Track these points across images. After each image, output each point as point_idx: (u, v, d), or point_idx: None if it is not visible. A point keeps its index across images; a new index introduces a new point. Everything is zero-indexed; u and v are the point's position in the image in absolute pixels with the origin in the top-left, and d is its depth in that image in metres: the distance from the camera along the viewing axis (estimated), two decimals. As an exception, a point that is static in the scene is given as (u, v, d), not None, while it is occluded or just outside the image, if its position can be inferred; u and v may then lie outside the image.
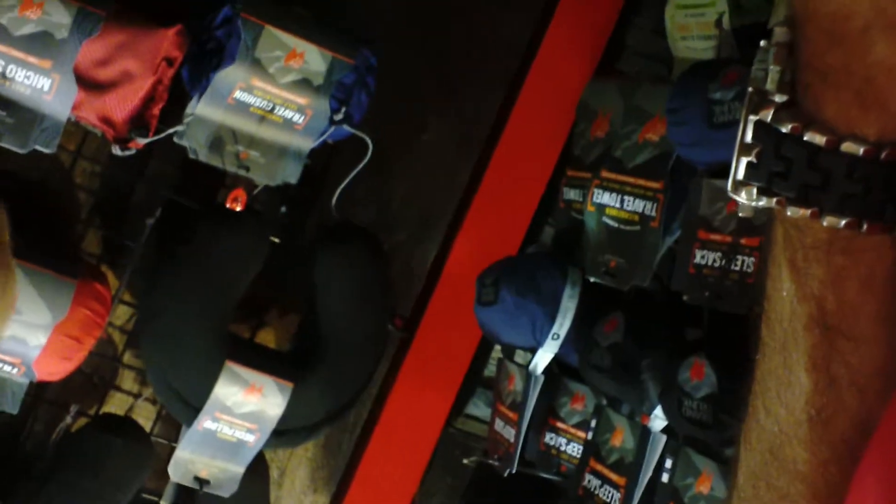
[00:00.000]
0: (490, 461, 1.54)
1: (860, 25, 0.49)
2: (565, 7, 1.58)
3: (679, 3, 1.36)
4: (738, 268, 1.14)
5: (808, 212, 0.53)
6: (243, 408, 1.45)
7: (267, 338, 1.60)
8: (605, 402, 1.39)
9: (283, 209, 1.52)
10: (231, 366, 1.43)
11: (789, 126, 0.53)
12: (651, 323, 1.31)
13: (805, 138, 0.53)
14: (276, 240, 1.50)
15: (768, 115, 0.54)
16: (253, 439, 1.47)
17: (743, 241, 1.14)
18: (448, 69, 1.60)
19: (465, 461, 1.63)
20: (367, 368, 1.54)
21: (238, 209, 1.43)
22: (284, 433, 1.50)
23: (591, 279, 1.38)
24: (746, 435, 0.61)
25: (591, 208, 1.38)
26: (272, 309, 1.60)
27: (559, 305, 1.40)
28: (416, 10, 1.56)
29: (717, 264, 1.17)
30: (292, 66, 1.35)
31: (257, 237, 1.46)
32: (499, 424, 1.53)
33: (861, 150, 0.51)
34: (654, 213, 1.28)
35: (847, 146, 0.52)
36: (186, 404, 1.44)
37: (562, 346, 1.41)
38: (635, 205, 1.31)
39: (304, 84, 1.36)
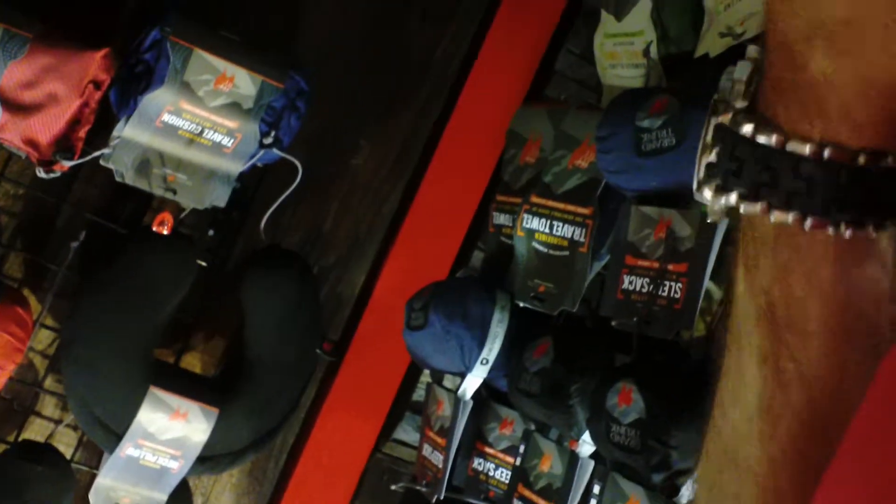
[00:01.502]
0: (418, 487, 1.54)
1: (803, 38, 0.54)
2: (496, 33, 1.59)
3: (608, 31, 1.38)
4: (665, 293, 1.15)
5: (759, 207, 0.56)
6: (167, 434, 1.43)
7: (193, 362, 1.58)
8: (533, 427, 1.40)
9: (211, 232, 1.50)
10: (155, 391, 1.41)
11: (745, 128, 0.57)
12: (580, 348, 1.32)
13: (757, 139, 0.56)
14: (204, 263, 1.48)
15: (727, 118, 0.58)
16: (177, 466, 1.45)
17: (670, 267, 1.15)
18: (379, 94, 1.60)
19: (392, 487, 1.62)
20: (294, 393, 1.53)
21: (164, 232, 1.41)
22: (209, 459, 1.48)
23: (521, 304, 1.39)
24: (706, 447, 0.63)
25: (520, 233, 1.39)
26: (198, 333, 1.58)
27: (488, 330, 1.40)
28: (348, 35, 1.56)
29: (644, 290, 1.18)
30: (222, 89, 1.34)
31: (183, 261, 1.44)
32: (427, 450, 1.52)
33: (806, 150, 0.55)
34: (582, 239, 1.30)
35: (792, 146, 0.55)
36: (108, 431, 1.42)
37: (491, 371, 1.41)
38: (564, 230, 1.32)
39: (233, 107, 1.35)
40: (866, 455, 0.52)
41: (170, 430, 1.43)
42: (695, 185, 0.59)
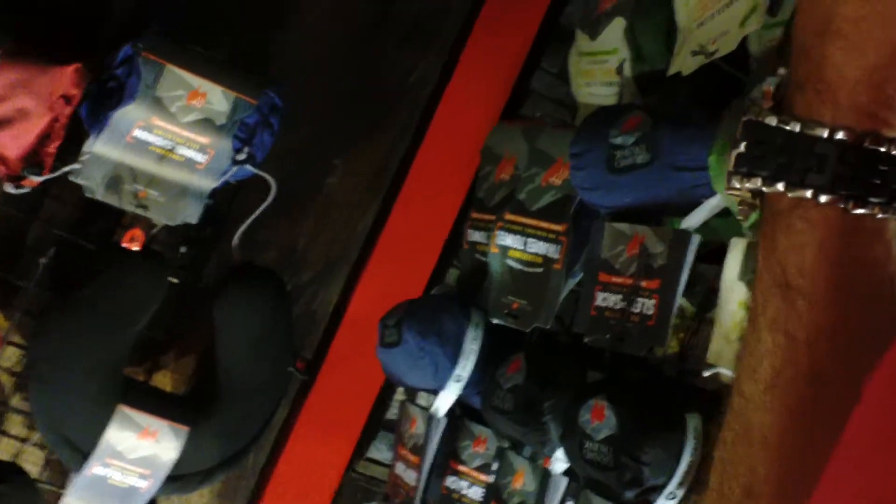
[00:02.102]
0: (391, 506, 1.53)
1: (816, 33, 0.62)
2: (472, 52, 1.59)
3: (582, 50, 1.38)
4: (638, 310, 1.15)
5: (779, 186, 0.62)
6: (136, 453, 1.42)
7: (163, 380, 1.57)
8: (507, 444, 1.39)
9: (184, 249, 1.49)
10: (124, 409, 1.40)
11: (770, 120, 0.63)
12: (553, 365, 1.31)
13: (779, 127, 0.63)
14: (175, 280, 1.47)
15: (755, 114, 0.64)
16: (145, 485, 1.44)
17: (643, 283, 1.15)
18: (354, 113, 1.60)
19: (365, 506, 1.61)
20: (266, 412, 1.52)
21: (135, 249, 1.40)
22: (179, 479, 1.47)
23: (495, 321, 1.39)
24: (722, 435, 0.67)
25: (494, 250, 1.39)
26: (169, 351, 1.57)
27: (462, 347, 1.40)
28: (325, 56, 1.56)
29: (618, 306, 1.18)
30: (194, 105, 1.33)
31: (154, 278, 1.43)
32: (400, 468, 1.52)
33: (820, 132, 0.61)
34: (557, 256, 1.29)
35: (809, 129, 0.62)
36: (75, 449, 1.40)
37: (464, 388, 1.41)
38: (538, 247, 1.32)
39: (206, 123, 1.35)
40: (864, 465, 0.54)
41: (138, 448, 1.41)
42: (725, 182, 0.66)
